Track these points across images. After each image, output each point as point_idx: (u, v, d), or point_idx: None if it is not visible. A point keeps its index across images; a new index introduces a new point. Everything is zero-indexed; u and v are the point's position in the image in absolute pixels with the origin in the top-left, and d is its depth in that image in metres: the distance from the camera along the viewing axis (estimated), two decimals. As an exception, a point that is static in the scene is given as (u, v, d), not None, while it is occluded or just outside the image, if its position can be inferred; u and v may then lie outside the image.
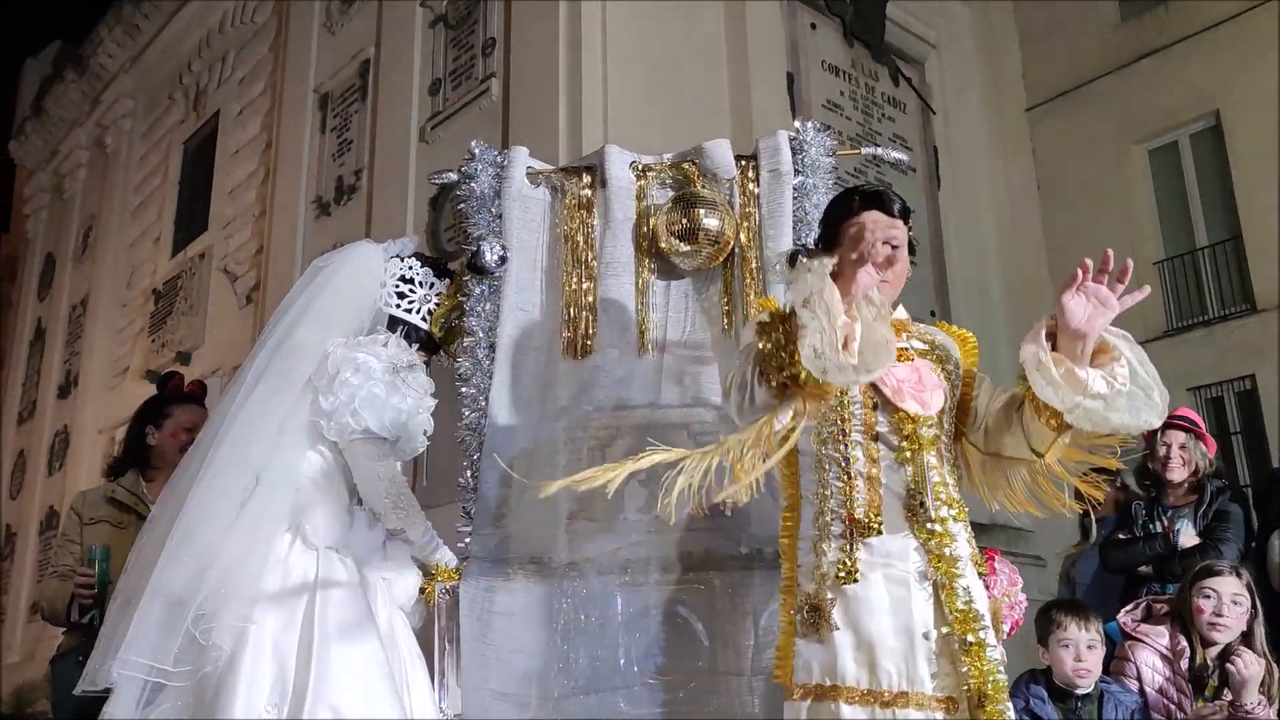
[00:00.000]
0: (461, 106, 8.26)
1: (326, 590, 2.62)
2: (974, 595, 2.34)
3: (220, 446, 2.64)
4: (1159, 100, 10.24)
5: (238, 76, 11.90)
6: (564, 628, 3.02)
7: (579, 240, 3.37)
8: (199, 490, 2.59)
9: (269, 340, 2.83)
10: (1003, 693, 2.24)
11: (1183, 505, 4.35)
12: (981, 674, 2.24)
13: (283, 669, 2.50)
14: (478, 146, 3.41)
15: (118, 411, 12.33)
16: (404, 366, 2.85)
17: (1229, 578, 3.68)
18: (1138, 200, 10.43)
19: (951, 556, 2.35)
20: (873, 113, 9.44)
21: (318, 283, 2.92)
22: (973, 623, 2.28)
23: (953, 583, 2.32)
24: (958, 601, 2.30)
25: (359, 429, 2.74)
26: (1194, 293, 10.08)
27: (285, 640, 2.53)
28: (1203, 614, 3.65)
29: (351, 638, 2.58)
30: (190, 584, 2.48)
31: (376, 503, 2.80)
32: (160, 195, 13.28)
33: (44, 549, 13.09)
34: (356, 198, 9.23)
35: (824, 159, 3.33)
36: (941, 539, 2.35)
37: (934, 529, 2.36)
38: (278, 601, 2.56)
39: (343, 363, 2.77)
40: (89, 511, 3.91)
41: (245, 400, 2.72)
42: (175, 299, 12.13)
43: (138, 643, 2.44)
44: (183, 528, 2.54)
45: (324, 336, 2.83)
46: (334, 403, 2.73)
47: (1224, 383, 9.75)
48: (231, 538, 2.55)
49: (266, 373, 2.76)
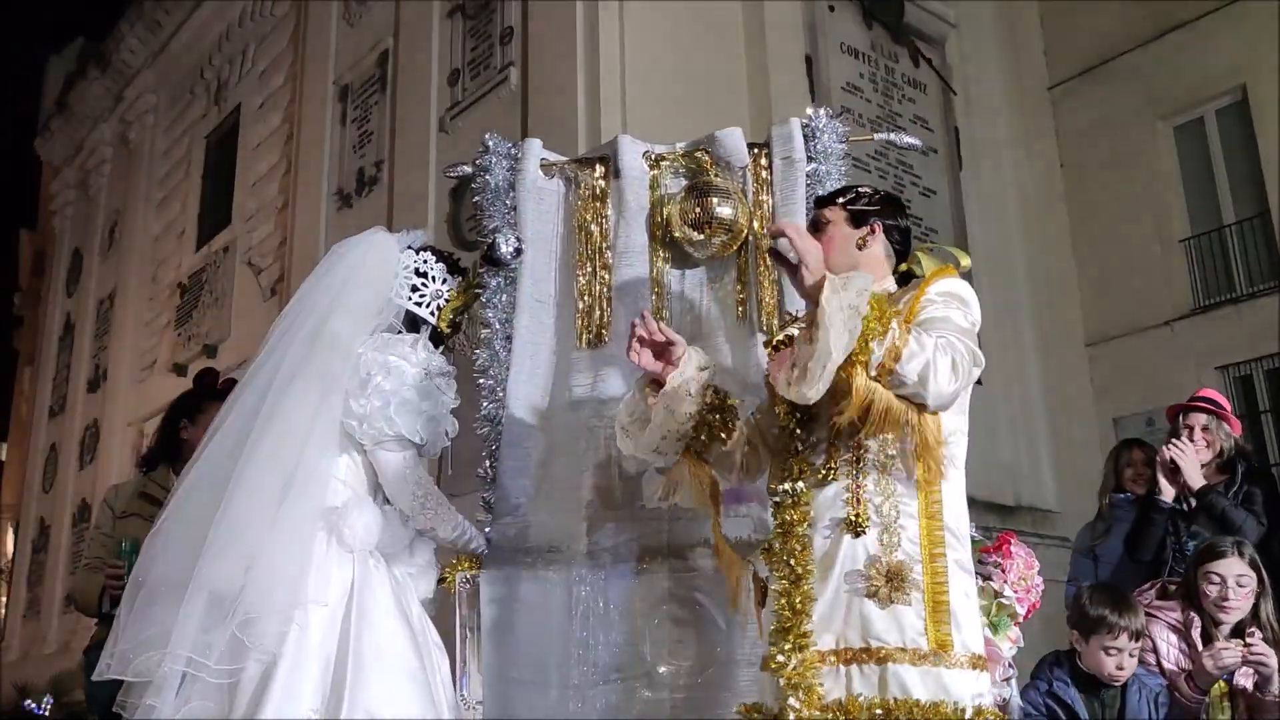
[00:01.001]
0: (480, 96, 8.28)
1: (363, 594, 2.64)
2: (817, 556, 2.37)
3: (263, 439, 2.63)
4: (1184, 76, 10.10)
5: (258, 70, 11.97)
6: (583, 615, 3.04)
7: (593, 230, 3.38)
8: (242, 484, 2.58)
9: (299, 332, 2.81)
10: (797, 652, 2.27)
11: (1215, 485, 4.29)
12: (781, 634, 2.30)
13: (325, 673, 2.53)
14: (491, 139, 3.42)
15: (146, 405, 12.47)
16: (436, 373, 2.86)
17: (1233, 559, 3.65)
18: (1163, 177, 10.30)
19: (791, 524, 2.39)
20: (893, 94, 9.39)
21: (342, 274, 2.91)
22: (788, 588, 2.33)
23: (782, 549, 2.39)
24: (784, 568, 2.37)
25: (391, 434, 2.75)
26: (1221, 270, 9.96)
27: (327, 644, 2.56)
28: (1209, 598, 3.64)
29: (386, 642, 2.60)
30: (234, 581, 2.49)
31: (405, 504, 2.81)
32: (184, 189, 13.39)
33: (77, 541, 13.27)
34: (378, 189, 9.29)
35: (837, 145, 3.32)
36: (787, 509, 2.41)
37: (786, 499, 2.42)
38: (320, 605, 2.58)
39: (374, 366, 2.77)
40: (121, 505, 3.96)
41: (283, 395, 2.71)
42: (200, 292, 12.24)
43: (184, 636, 2.45)
44: (226, 522, 2.53)
45: (355, 330, 2.83)
46: (367, 407, 2.74)
47: (1253, 361, 9.63)
48: (273, 537, 2.56)
49: (304, 367, 2.75)
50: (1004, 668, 2.93)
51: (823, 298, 2.22)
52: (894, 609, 2.28)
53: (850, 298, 2.21)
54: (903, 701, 2.20)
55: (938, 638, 2.28)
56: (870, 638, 2.27)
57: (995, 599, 2.97)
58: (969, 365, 2.31)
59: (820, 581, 2.33)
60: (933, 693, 2.23)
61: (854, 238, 2.63)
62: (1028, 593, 3.00)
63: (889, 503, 2.35)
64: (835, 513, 2.39)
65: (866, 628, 2.28)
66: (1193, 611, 3.70)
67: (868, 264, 2.59)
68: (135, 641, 2.50)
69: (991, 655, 2.91)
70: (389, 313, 2.96)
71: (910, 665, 2.25)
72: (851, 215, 2.65)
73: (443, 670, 2.79)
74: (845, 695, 2.23)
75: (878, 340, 2.23)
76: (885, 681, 2.24)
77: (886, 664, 2.25)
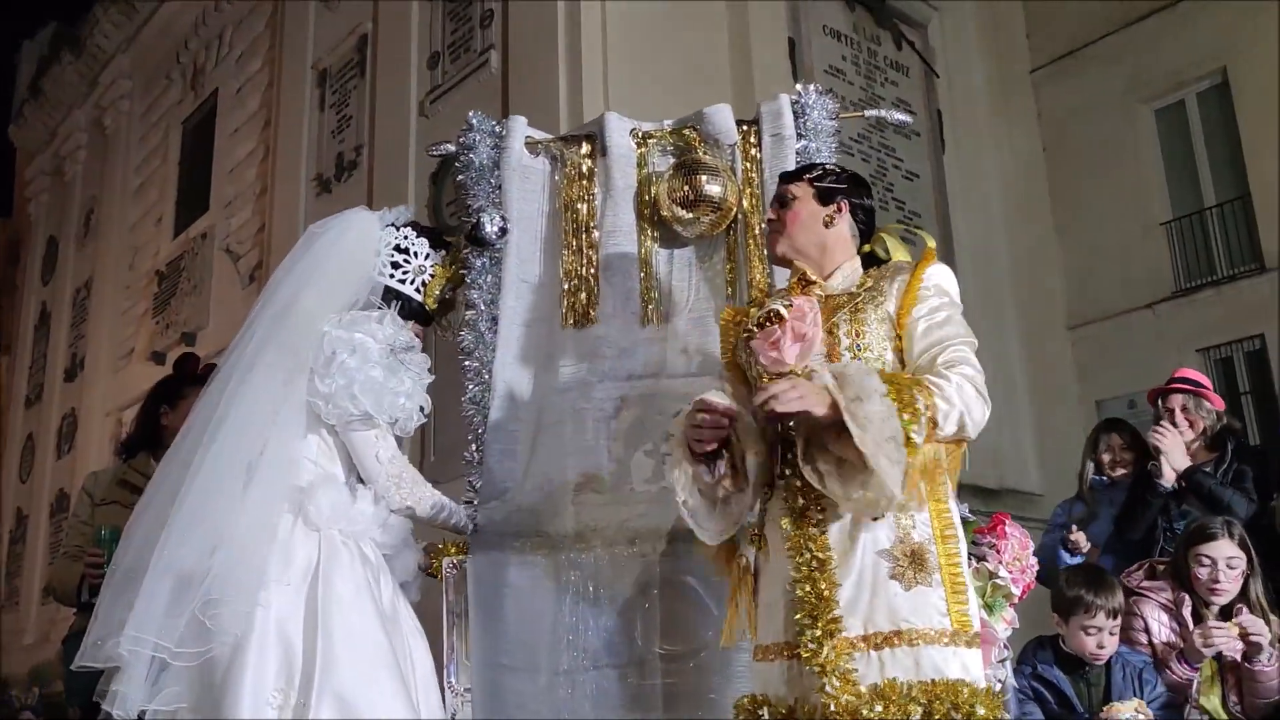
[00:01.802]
0: (460, 79, 8.21)
1: (329, 573, 2.59)
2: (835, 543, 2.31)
3: (225, 421, 2.59)
4: (1165, 59, 10.12)
5: (235, 54, 11.84)
6: (572, 600, 3.01)
7: (580, 209, 3.33)
8: (205, 466, 2.54)
9: (267, 310, 2.77)
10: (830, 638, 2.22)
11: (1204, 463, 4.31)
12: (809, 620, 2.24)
13: (289, 653, 2.48)
14: (475, 117, 3.37)
15: (124, 393, 12.36)
16: (402, 348, 2.81)
17: (1223, 541, 3.65)
18: (1145, 160, 10.33)
19: (805, 509, 2.33)
20: (875, 77, 9.37)
21: (317, 252, 2.85)
22: (811, 574, 2.27)
23: (799, 535, 2.32)
24: (800, 553, 2.30)
25: (358, 413, 2.70)
26: (1202, 253, 10.00)
27: (291, 623, 2.51)
28: (1200, 580, 3.65)
29: (355, 621, 2.55)
30: (198, 563, 2.45)
31: (379, 484, 2.76)
32: (161, 176, 13.26)
33: (55, 532, 13.17)
34: (357, 174, 9.21)
35: (827, 122, 3.29)
36: (797, 494, 2.34)
37: (794, 484, 2.35)
38: (282, 584, 2.53)
39: (338, 344, 2.71)
40: (100, 493, 3.90)
41: (248, 374, 2.67)
42: (179, 280, 12.13)
43: (145, 620, 2.41)
44: (189, 504, 2.50)
45: (326, 308, 2.77)
46: (332, 386, 2.68)
47: (1233, 343, 9.69)
48: (238, 518, 2.52)
49: (268, 345, 2.70)
50: (1000, 649, 2.92)
51: (858, 441, 2.14)
52: (918, 590, 2.27)
53: (882, 429, 2.16)
54: (941, 683, 2.19)
55: (958, 618, 2.28)
56: (900, 620, 2.25)
57: (990, 580, 2.96)
58: (982, 377, 2.34)
59: (842, 566, 2.29)
60: (958, 672, 2.24)
61: (821, 215, 2.58)
62: (1023, 573, 2.99)
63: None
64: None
65: (894, 610, 2.26)
66: (1183, 591, 3.71)
67: (834, 242, 2.57)
68: (107, 629, 2.45)
69: (987, 636, 2.90)
70: (366, 290, 2.90)
71: (940, 646, 2.24)
72: (819, 192, 2.60)
73: (416, 653, 2.73)
74: (881, 680, 2.20)
75: (916, 429, 2.21)
76: (919, 664, 2.22)
77: (918, 646, 2.23)
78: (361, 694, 2.45)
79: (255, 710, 2.39)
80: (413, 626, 2.79)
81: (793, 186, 2.64)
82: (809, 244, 2.55)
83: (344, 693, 2.44)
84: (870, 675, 2.21)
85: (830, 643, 2.21)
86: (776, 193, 2.69)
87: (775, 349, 2.37)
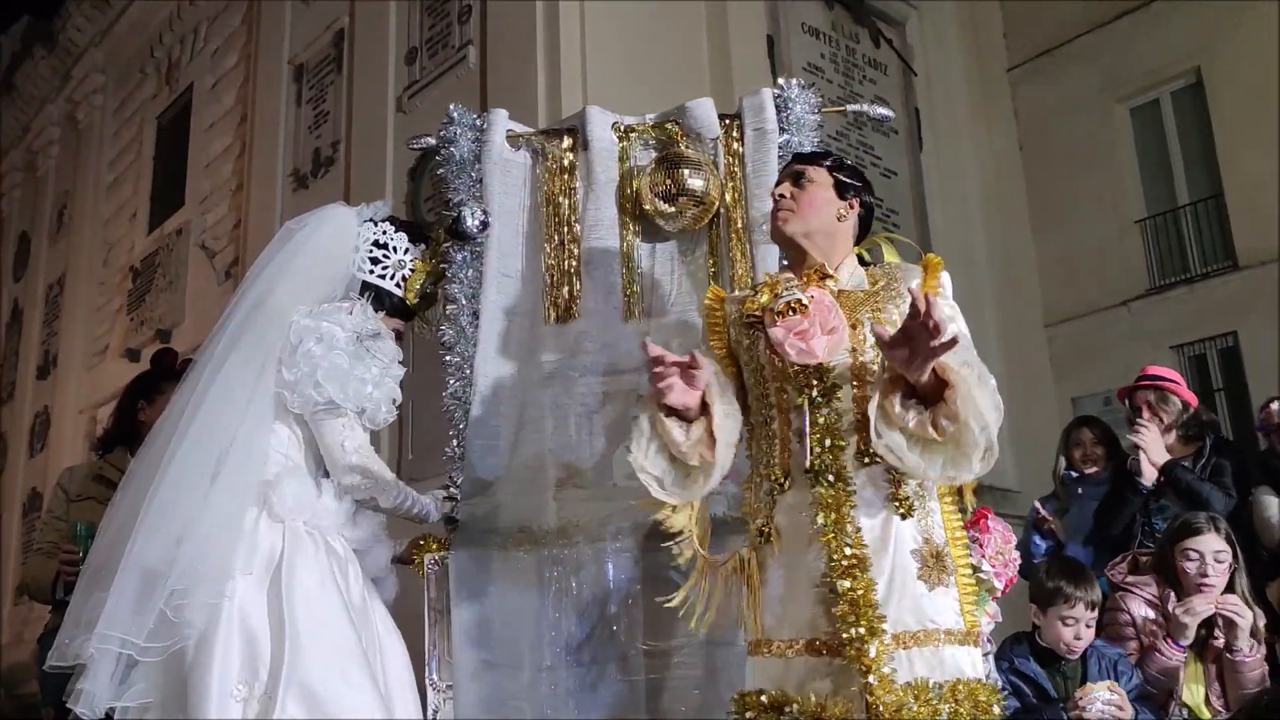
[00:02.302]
0: (438, 75, 8.16)
1: (293, 564, 2.56)
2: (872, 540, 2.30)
3: (195, 416, 2.58)
4: (1140, 58, 10.19)
5: (210, 49, 11.74)
6: (554, 596, 3.00)
7: (562, 203, 3.32)
8: (175, 461, 2.53)
9: (241, 305, 2.75)
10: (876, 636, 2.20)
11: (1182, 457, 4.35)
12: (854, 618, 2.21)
13: (252, 645, 2.45)
14: (456, 110, 3.35)
15: (98, 391, 12.24)
16: (368, 335, 2.77)
17: (1209, 535, 3.69)
18: (1120, 159, 10.40)
19: (840, 504, 2.30)
20: (854, 75, 9.38)
21: (292, 246, 2.84)
22: (850, 569, 2.25)
23: (838, 531, 2.28)
24: (841, 549, 2.27)
25: (322, 401, 2.67)
26: (1176, 251, 10.08)
27: (254, 615, 2.48)
28: (1188, 575, 3.67)
29: (321, 613, 2.52)
30: (165, 557, 2.43)
31: (341, 472, 2.72)
32: (135, 171, 13.13)
33: (28, 531, 13.02)
34: (334, 170, 9.15)
35: (809, 116, 3.29)
36: (830, 488, 2.31)
37: (825, 477, 2.32)
38: (246, 576, 2.51)
39: (305, 333, 2.69)
40: (76, 488, 3.87)
41: (219, 369, 2.65)
42: (154, 276, 12.01)
43: (114, 617, 2.39)
44: (158, 499, 2.48)
45: (298, 302, 2.75)
46: (297, 374, 2.66)
47: (1206, 340, 9.76)
48: (205, 511, 2.50)
49: (240, 340, 2.69)
50: (983, 643, 2.92)
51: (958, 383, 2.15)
52: (938, 591, 2.29)
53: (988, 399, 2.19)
54: (963, 683, 2.22)
55: (969, 618, 2.32)
56: (925, 620, 2.26)
57: (974, 574, 2.96)
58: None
59: (876, 565, 2.28)
60: (970, 671, 2.27)
61: (836, 206, 2.55)
62: (1005, 567, 2.99)
63: (922, 485, 2.35)
64: (878, 493, 2.34)
65: (920, 610, 2.27)
66: (1168, 587, 3.73)
67: (841, 237, 2.55)
68: (77, 627, 2.44)
69: (974, 631, 2.92)
70: (343, 286, 2.88)
71: (956, 646, 2.27)
72: (837, 183, 2.57)
73: (387, 649, 2.70)
74: (912, 679, 2.20)
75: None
76: (943, 663, 2.24)
77: (940, 646, 2.25)
78: (328, 686, 2.43)
79: (221, 705, 2.37)
80: (386, 623, 2.76)
81: (810, 169, 2.58)
82: (820, 231, 2.52)
83: (310, 685, 2.41)
84: (902, 674, 2.21)
85: (875, 641, 2.19)
86: (789, 170, 2.62)
87: (803, 340, 2.35)
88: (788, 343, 2.35)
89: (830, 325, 2.36)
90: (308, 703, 2.40)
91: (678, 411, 2.34)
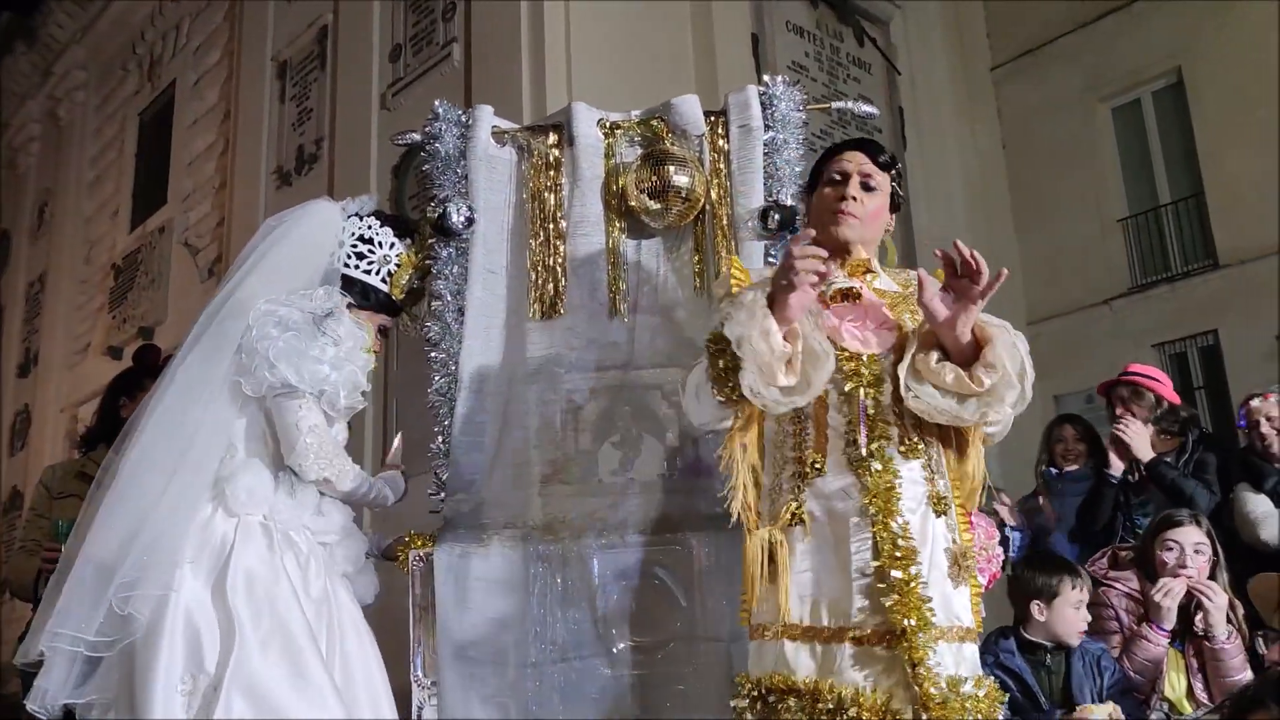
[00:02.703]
0: (423, 72, 8.14)
1: (242, 557, 2.53)
2: (915, 533, 2.30)
3: (156, 411, 2.57)
4: (1122, 58, 10.27)
5: (193, 46, 11.68)
6: (540, 592, 2.99)
7: (547, 200, 3.31)
8: (132, 455, 2.52)
9: (215, 301, 2.73)
10: (928, 628, 2.21)
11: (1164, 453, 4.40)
12: (905, 609, 2.21)
13: (197, 638, 2.42)
14: (441, 106, 3.34)
15: (79, 389, 12.17)
16: (322, 315, 2.72)
17: (1189, 527, 3.73)
18: (1102, 158, 10.48)
19: (890, 494, 2.31)
20: (838, 74, 9.41)
21: (269, 241, 2.81)
22: (902, 560, 2.25)
23: (888, 521, 2.29)
24: (892, 539, 2.27)
25: (277, 382, 2.62)
26: (1157, 249, 10.16)
27: (198, 609, 2.45)
28: (1166, 565, 3.71)
29: (270, 607, 2.49)
30: (119, 551, 2.41)
31: (297, 455, 2.65)
32: (117, 168, 13.05)
33: (9, 529, 12.92)
34: (318, 167, 9.12)
35: (795, 114, 3.29)
36: (879, 476, 2.31)
37: (872, 466, 2.32)
38: (195, 568, 2.48)
39: (264, 318, 2.66)
40: (58, 486, 3.86)
41: (181, 363, 2.64)
42: (136, 274, 11.94)
43: (66, 613, 2.38)
44: (114, 493, 2.48)
45: (266, 293, 2.72)
46: (253, 359, 2.62)
47: (1187, 338, 9.85)
48: (161, 504, 2.48)
49: (204, 334, 2.67)
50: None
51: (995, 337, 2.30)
52: (961, 588, 2.33)
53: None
54: (980, 679, 2.26)
55: (977, 616, 2.36)
56: (953, 616, 2.29)
57: (964, 570, 2.99)
58: None
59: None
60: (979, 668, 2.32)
61: (886, 219, 2.60)
62: (989, 563, 3.01)
63: (945, 482, 2.39)
64: (917, 488, 2.35)
65: (949, 607, 2.29)
66: (1149, 581, 3.75)
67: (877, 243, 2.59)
68: (41, 623, 2.43)
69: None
70: (319, 280, 2.85)
71: (971, 642, 2.31)
72: (893, 195, 2.61)
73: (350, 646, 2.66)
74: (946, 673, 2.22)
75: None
76: (965, 658, 2.27)
77: (957, 643, 2.28)
78: (276, 683, 2.41)
79: (166, 699, 2.35)
80: (352, 618, 2.72)
81: (881, 176, 2.57)
82: (869, 241, 2.55)
83: (257, 681, 2.39)
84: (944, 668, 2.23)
85: (926, 633, 2.20)
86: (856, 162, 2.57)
87: (861, 329, 2.39)
88: (844, 329, 2.39)
89: (881, 319, 2.41)
90: (254, 699, 2.37)
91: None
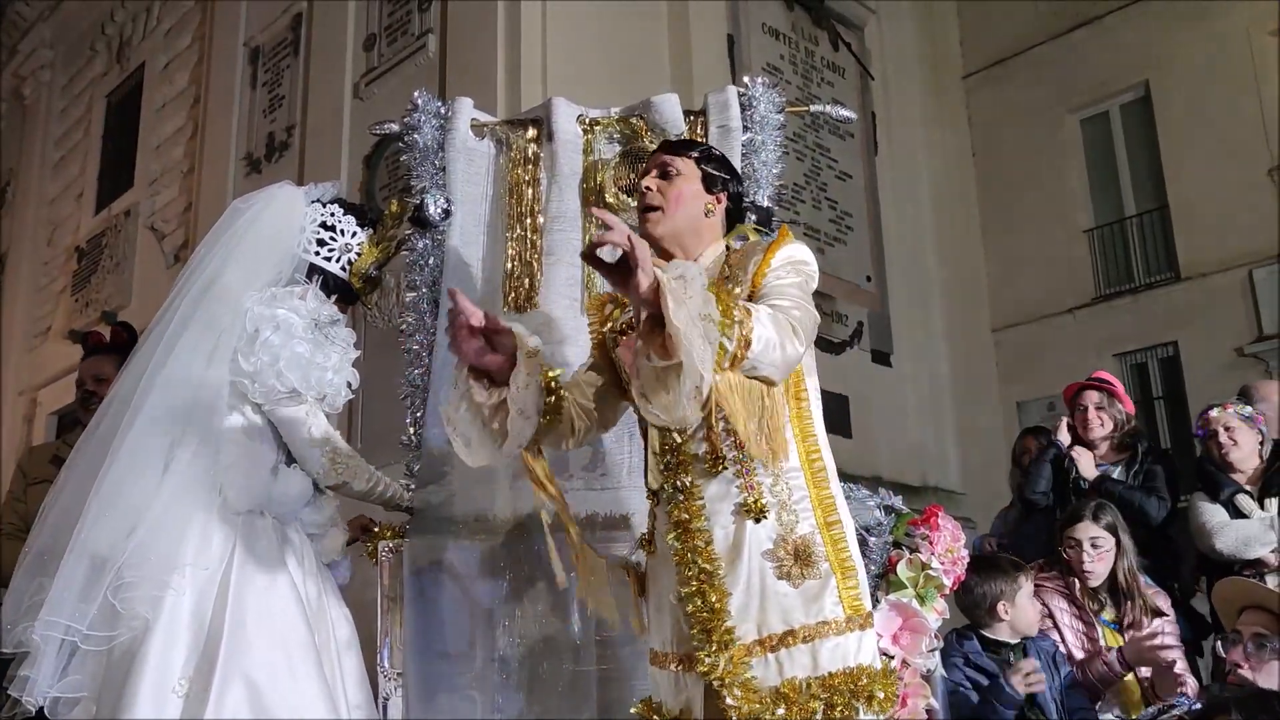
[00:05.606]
0: (397, 63, 8.10)
1: (245, 556, 2.54)
2: (725, 550, 2.23)
3: (146, 400, 2.55)
4: (1091, 70, 10.39)
5: (164, 28, 11.55)
6: (509, 586, 3.00)
7: (525, 194, 3.32)
8: (125, 447, 2.49)
9: (191, 287, 2.71)
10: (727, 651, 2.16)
11: (1114, 464, 4.49)
12: (689, 636, 2.19)
13: (198, 639, 2.43)
14: (421, 97, 3.34)
15: (39, 373, 12.01)
16: (326, 322, 2.76)
17: (1085, 523, 3.86)
18: (1070, 168, 10.59)
19: (691, 520, 2.24)
20: (812, 77, 9.45)
21: (239, 227, 2.80)
22: (699, 590, 2.20)
23: (689, 549, 2.23)
24: (693, 565, 2.22)
25: (284, 390, 2.66)
26: (1122, 260, 10.28)
27: (202, 609, 2.46)
28: (1071, 561, 3.86)
29: (268, 605, 2.51)
30: (114, 546, 2.40)
31: (312, 460, 2.72)
32: (82, 150, 12.88)
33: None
34: (288, 155, 9.05)
35: (773, 115, 3.31)
36: (678, 506, 2.25)
37: (675, 497, 2.26)
38: (196, 569, 2.48)
39: (262, 321, 2.67)
40: (34, 471, 3.83)
41: (170, 352, 2.62)
42: (100, 257, 11.79)
43: (59, 603, 2.36)
44: (108, 486, 2.45)
45: (247, 284, 2.72)
46: (257, 364, 2.63)
47: (1148, 349, 9.98)
48: (156, 499, 2.47)
49: (190, 324, 2.66)
50: (930, 639, 2.97)
51: (670, 314, 1.87)
52: (806, 586, 2.20)
53: (699, 305, 1.92)
54: (839, 674, 2.16)
55: (850, 603, 2.23)
56: (793, 619, 2.19)
57: (923, 571, 3.01)
58: (810, 326, 2.20)
59: (730, 574, 2.22)
60: (855, 659, 2.19)
61: (703, 201, 2.43)
62: (954, 565, 3.05)
63: (779, 481, 2.26)
64: (731, 500, 2.25)
65: (786, 611, 2.20)
66: (1071, 576, 3.90)
67: (708, 232, 2.44)
68: (19, 612, 2.40)
69: (919, 626, 2.96)
70: (290, 267, 2.85)
71: (835, 636, 2.19)
72: (705, 176, 2.44)
73: (340, 639, 2.69)
74: (781, 681, 2.15)
75: (728, 337, 2.01)
76: (818, 659, 2.17)
77: (813, 642, 2.18)
78: (273, 681, 2.41)
79: (156, 698, 2.34)
80: (339, 613, 2.75)
81: (678, 160, 2.44)
82: (687, 229, 2.40)
83: (254, 679, 2.39)
84: (770, 678, 2.16)
85: (726, 655, 2.14)
86: (655, 161, 2.47)
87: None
88: (629, 368, 2.19)
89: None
90: (251, 697, 2.38)
91: (489, 372, 2.18)
